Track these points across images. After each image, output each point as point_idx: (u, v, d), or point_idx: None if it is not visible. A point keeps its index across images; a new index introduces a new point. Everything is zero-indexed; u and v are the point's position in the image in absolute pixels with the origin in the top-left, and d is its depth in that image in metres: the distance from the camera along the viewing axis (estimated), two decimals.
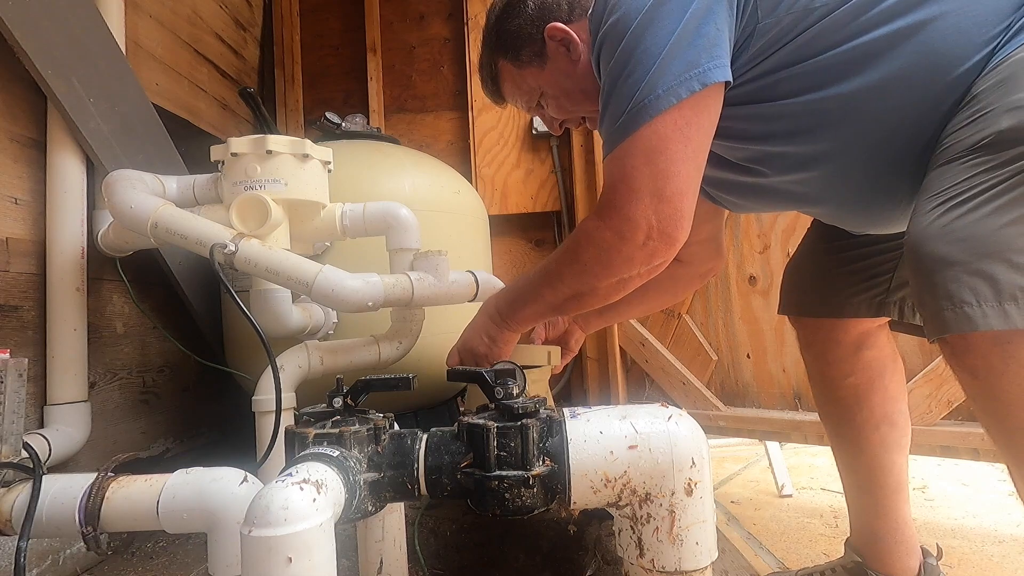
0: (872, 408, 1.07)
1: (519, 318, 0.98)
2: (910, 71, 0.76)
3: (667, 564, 0.72)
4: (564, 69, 0.96)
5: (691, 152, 0.78)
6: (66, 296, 1.32)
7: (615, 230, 0.81)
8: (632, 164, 0.79)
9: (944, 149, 0.73)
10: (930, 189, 0.71)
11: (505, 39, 0.99)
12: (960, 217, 0.66)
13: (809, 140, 0.84)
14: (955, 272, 0.65)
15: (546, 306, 0.94)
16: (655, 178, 0.78)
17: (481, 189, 2.39)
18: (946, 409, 1.50)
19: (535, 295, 0.95)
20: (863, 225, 0.99)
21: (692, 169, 0.79)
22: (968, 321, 0.64)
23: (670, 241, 0.80)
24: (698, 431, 0.75)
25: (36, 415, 1.29)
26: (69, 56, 1.32)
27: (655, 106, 0.77)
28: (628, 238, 0.80)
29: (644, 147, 0.78)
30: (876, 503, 1.10)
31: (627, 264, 0.83)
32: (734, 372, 1.96)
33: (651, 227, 0.79)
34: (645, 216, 0.78)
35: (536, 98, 1.02)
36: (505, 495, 0.70)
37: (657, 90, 0.76)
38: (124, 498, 0.81)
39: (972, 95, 0.73)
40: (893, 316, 1.04)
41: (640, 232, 0.79)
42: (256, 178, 1.22)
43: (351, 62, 2.54)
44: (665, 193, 0.78)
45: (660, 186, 0.78)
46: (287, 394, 1.20)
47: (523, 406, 0.73)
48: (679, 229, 0.79)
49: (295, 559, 0.56)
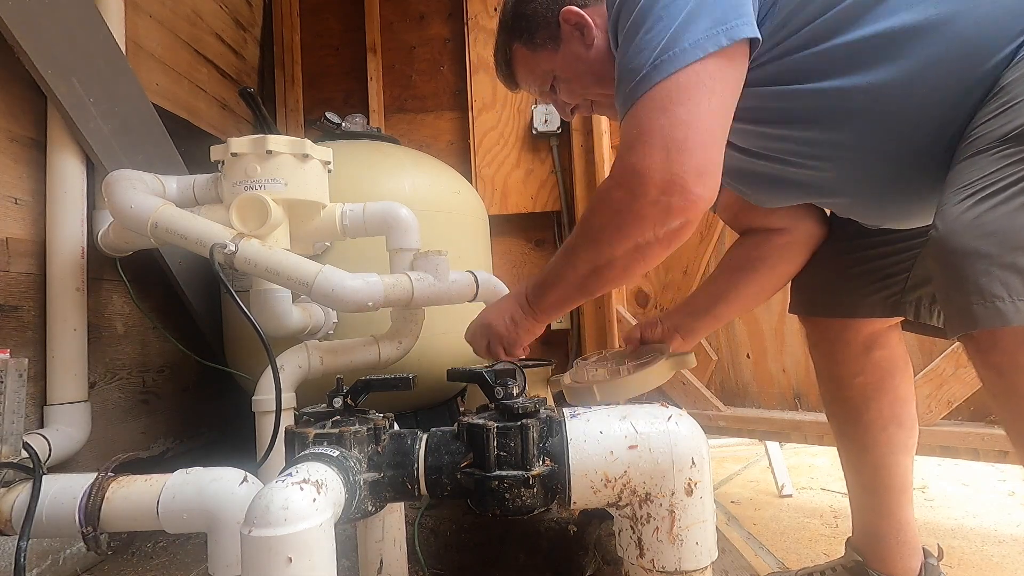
0: (880, 408, 1.07)
1: (544, 305, 0.95)
2: (940, 61, 0.73)
3: (667, 564, 0.72)
4: (577, 53, 0.96)
5: (716, 105, 0.73)
6: (66, 296, 1.32)
7: (626, 186, 0.76)
8: (649, 116, 0.74)
9: (972, 141, 0.71)
10: (958, 181, 0.69)
11: (521, 22, 1.00)
12: (990, 209, 0.64)
13: (830, 128, 0.81)
14: (985, 265, 0.63)
15: (569, 287, 0.90)
16: (675, 127, 0.72)
17: (481, 189, 2.39)
18: (946, 409, 1.50)
19: (556, 277, 0.91)
20: (880, 218, 0.97)
21: (716, 122, 0.74)
22: (999, 316, 0.62)
23: (690, 197, 0.73)
24: (698, 431, 0.75)
25: (36, 415, 1.28)
26: (69, 56, 1.32)
27: (680, 58, 0.72)
28: (639, 193, 0.74)
29: (664, 99, 0.73)
30: (880, 503, 1.09)
31: (639, 223, 0.77)
32: (734, 372, 1.96)
33: (665, 180, 0.73)
34: (658, 168, 0.72)
35: (549, 81, 1.02)
36: (505, 495, 0.70)
37: (683, 43, 0.72)
38: (124, 498, 0.81)
39: (1000, 86, 0.71)
40: (908, 316, 1.03)
41: (652, 185, 0.73)
42: (256, 178, 1.22)
43: (351, 62, 2.54)
44: (686, 144, 0.72)
45: (680, 136, 0.72)
46: (287, 394, 1.20)
47: (523, 406, 0.73)
48: (700, 184, 0.73)
49: (295, 559, 0.56)
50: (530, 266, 2.50)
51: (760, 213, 1.08)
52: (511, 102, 2.45)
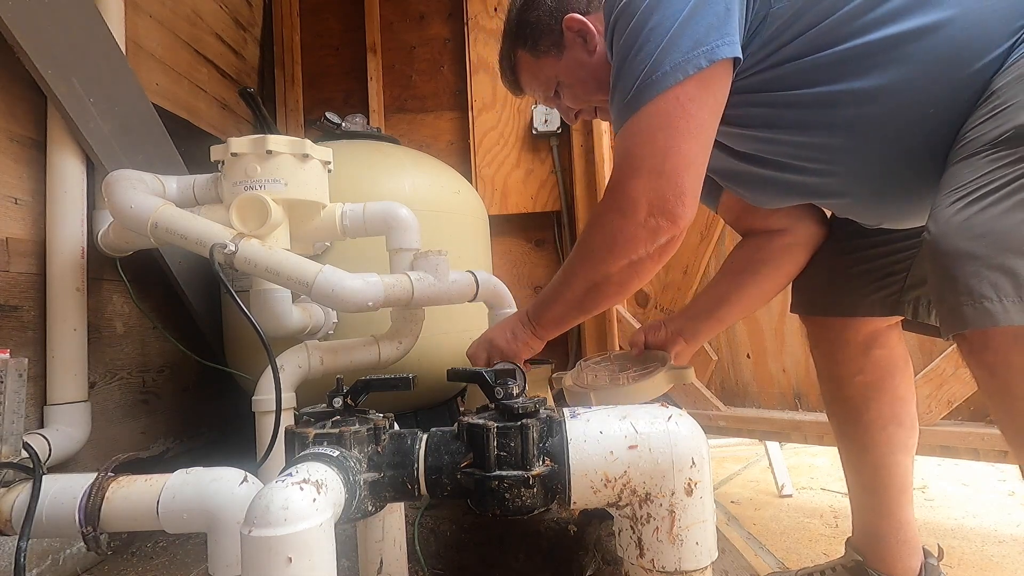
0: (880, 408, 1.07)
1: (544, 321, 0.99)
2: (930, 66, 0.75)
3: (667, 564, 0.72)
4: (580, 59, 0.98)
5: (694, 128, 0.78)
6: (66, 296, 1.32)
7: (618, 209, 0.82)
8: (634, 142, 0.80)
9: (964, 144, 0.73)
10: (950, 184, 0.71)
11: (525, 29, 1.02)
12: (981, 212, 0.66)
13: (822, 132, 0.84)
14: (975, 267, 0.64)
15: (567, 305, 0.95)
16: (655, 155, 0.79)
17: (481, 189, 2.39)
18: (946, 409, 1.50)
19: (555, 294, 0.96)
20: (878, 218, 0.98)
21: (694, 146, 0.79)
22: (988, 316, 0.63)
23: (672, 218, 0.80)
24: (698, 431, 0.75)
25: (36, 415, 1.28)
26: (69, 56, 1.32)
27: (660, 83, 0.77)
28: (629, 216, 0.81)
29: (647, 124, 0.79)
30: (880, 503, 1.10)
31: (631, 243, 0.83)
32: (734, 372, 1.96)
33: (651, 204, 0.79)
34: (645, 192, 0.79)
35: (552, 87, 1.04)
36: (505, 495, 0.70)
37: (664, 67, 0.77)
38: (124, 498, 0.80)
39: (991, 90, 0.72)
40: (907, 315, 1.03)
41: (640, 209, 0.80)
42: (256, 178, 1.22)
43: (351, 62, 2.54)
44: (664, 169, 0.78)
45: (659, 163, 0.78)
46: (287, 394, 1.20)
47: (523, 406, 0.73)
48: (680, 205, 0.79)
49: (295, 559, 0.56)
50: (530, 266, 2.50)
51: (761, 214, 1.08)
52: (511, 102, 2.45)
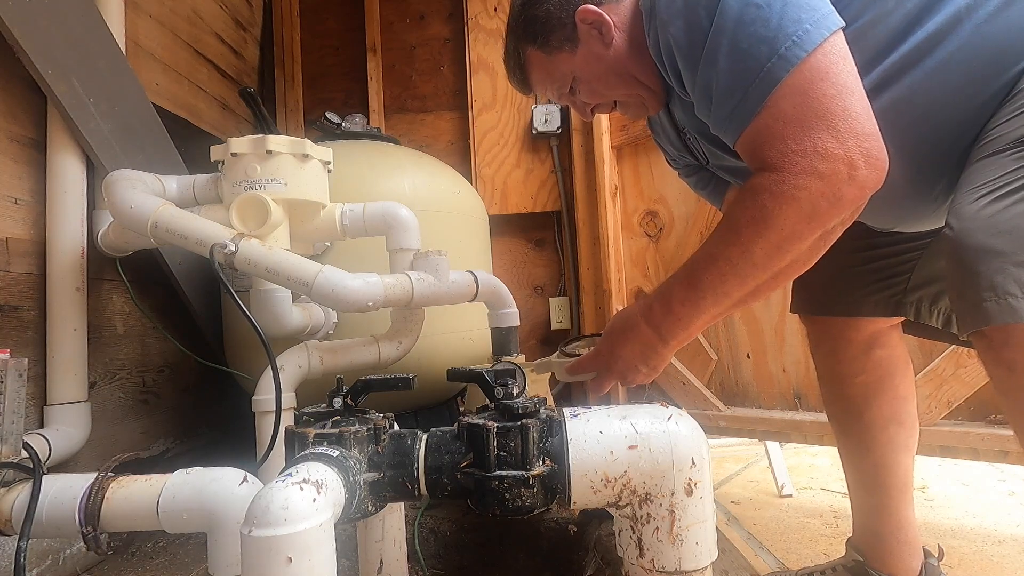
0: (881, 407, 1.07)
1: (681, 338, 0.86)
2: (965, 67, 0.74)
3: (667, 564, 0.72)
4: (597, 52, 0.93)
5: (853, 76, 0.72)
6: (66, 296, 1.32)
7: (813, 173, 0.70)
8: (796, 103, 0.71)
9: (988, 142, 0.72)
10: (973, 181, 0.70)
11: (533, 25, 0.95)
12: (1006, 208, 0.65)
13: None
14: (1000, 263, 0.64)
15: (728, 305, 0.83)
16: (831, 106, 0.70)
17: (481, 189, 2.39)
18: (946, 409, 1.50)
19: (715, 298, 0.80)
20: (892, 222, 0.97)
21: (860, 90, 0.72)
22: (1012, 312, 0.63)
23: (877, 163, 0.71)
24: (698, 431, 0.75)
25: (36, 415, 1.28)
26: (69, 56, 1.32)
27: (806, 41, 0.70)
28: (828, 176, 0.70)
29: (805, 80, 0.70)
30: (880, 503, 1.10)
31: (837, 206, 0.72)
32: (734, 372, 1.96)
33: (850, 155, 0.70)
34: (839, 144, 0.70)
35: (568, 84, 0.98)
36: (505, 495, 0.70)
37: (805, 24, 0.70)
38: (124, 498, 0.81)
39: (1018, 89, 0.72)
40: (909, 316, 1.03)
41: (842, 163, 0.69)
42: (256, 178, 1.22)
43: (351, 62, 2.54)
44: (849, 113, 0.70)
45: (840, 109, 0.69)
46: (287, 394, 1.20)
47: (523, 406, 0.73)
48: (880, 149, 0.71)
49: (295, 559, 0.56)
50: (530, 266, 2.50)
51: None
52: (511, 102, 2.45)
